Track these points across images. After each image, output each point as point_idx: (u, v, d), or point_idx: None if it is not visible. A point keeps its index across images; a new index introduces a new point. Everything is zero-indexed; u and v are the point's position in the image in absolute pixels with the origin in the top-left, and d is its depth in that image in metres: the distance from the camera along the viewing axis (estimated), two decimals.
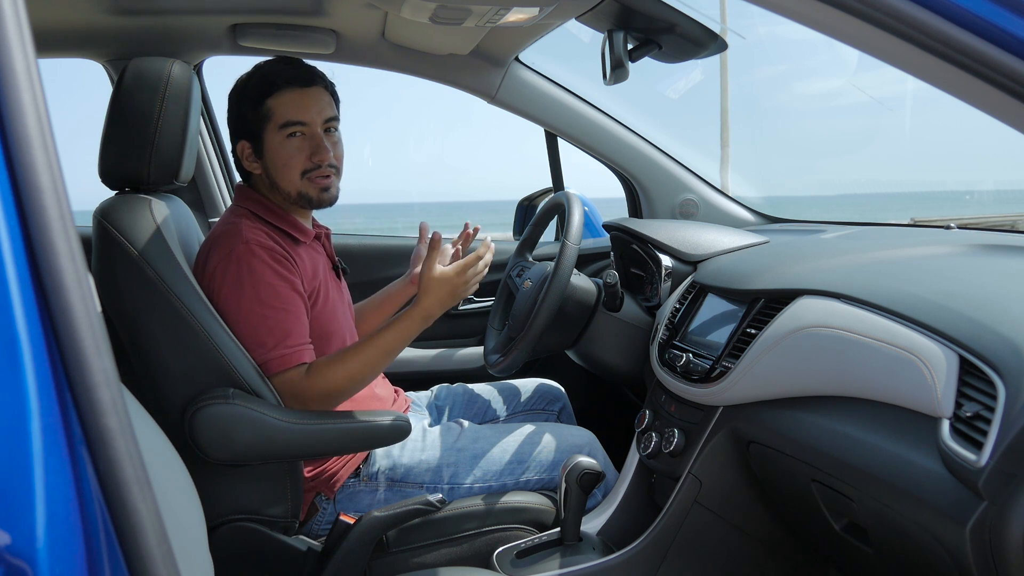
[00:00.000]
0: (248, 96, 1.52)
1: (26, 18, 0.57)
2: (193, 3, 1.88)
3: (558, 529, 1.50)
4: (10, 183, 0.55)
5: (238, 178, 2.38)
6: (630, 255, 2.00)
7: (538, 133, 2.36)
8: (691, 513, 1.48)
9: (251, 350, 1.41)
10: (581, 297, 1.79)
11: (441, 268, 1.46)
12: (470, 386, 1.93)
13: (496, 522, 1.53)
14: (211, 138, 2.31)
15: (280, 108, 1.50)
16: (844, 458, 1.10)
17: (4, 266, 0.54)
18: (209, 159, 2.30)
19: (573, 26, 1.80)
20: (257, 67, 1.55)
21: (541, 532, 1.53)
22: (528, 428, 1.66)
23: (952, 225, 1.75)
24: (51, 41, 2.00)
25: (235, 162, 1.59)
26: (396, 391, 1.76)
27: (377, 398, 1.63)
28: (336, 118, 1.56)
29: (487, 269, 1.51)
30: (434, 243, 1.49)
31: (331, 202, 1.57)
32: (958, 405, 0.93)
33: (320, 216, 1.72)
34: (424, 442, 1.59)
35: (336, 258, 1.70)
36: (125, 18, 1.88)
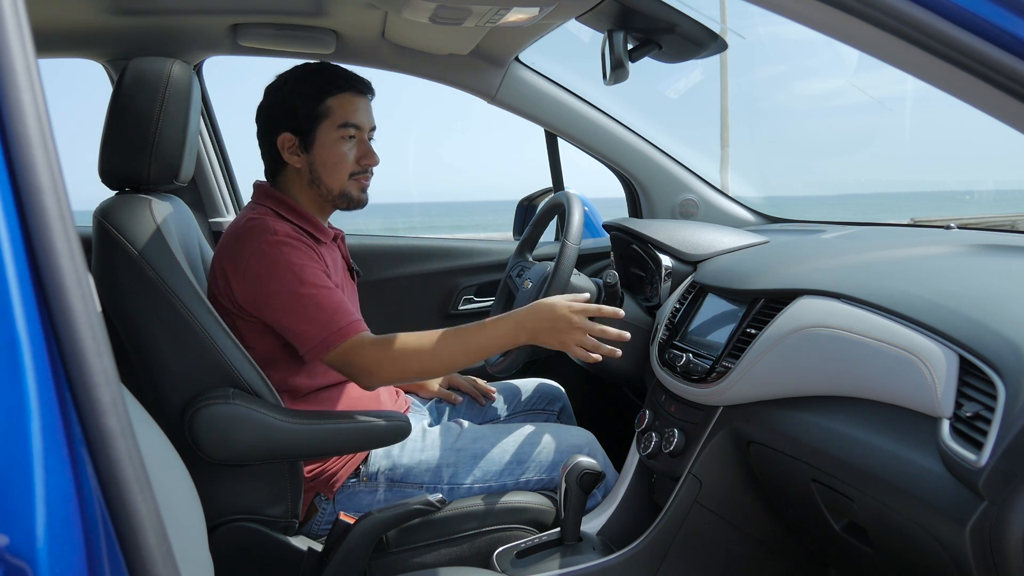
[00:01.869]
0: (305, 91, 1.54)
1: (26, 18, 0.57)
2: (193, 3, 1.88)
3: (558, 529, 1.50)
4: (10, 183, 0.55)
5: (239, 178, 2.40)
6: (630, 255, 2.00)
7: (538, 133, 2.36)
8: (691, 513, 1.48)
9: (305, 331, 1.41)
10: None
11: (568, 297, 1.46)
12: None
13: (496, 522, 1.53)
14: (211, 138, 2.31)
15: (340, 108, 1.54)
16: (844, 458, 1.10)
17: (4, 266, 0.54)
18: (209, 159, 2.30)
19: (573, 26, 1.80)
20: (313, 66, 1.58)
21: (541, 532, 1.53)
22: (528, 428, 1.66)
23: (952, 225, 1.75)
24: (51, 41, 2.00)
25: (266, 153, 1.60)
26: (396, 391, 1.76)
27: (377, 398, 1.64)
28: (375, 128, 1.61)
29: (617, 348, 1.46)
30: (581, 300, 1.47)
31: (364, 204, 1.62)
32: (958, 405, 0.93)
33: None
34: (424, 442, 1.59)
35: (351, 260, 1.72)
36: (125, 18, 1.88)
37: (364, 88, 1.58)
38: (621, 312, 1.47)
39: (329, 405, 1.55)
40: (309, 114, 1.53)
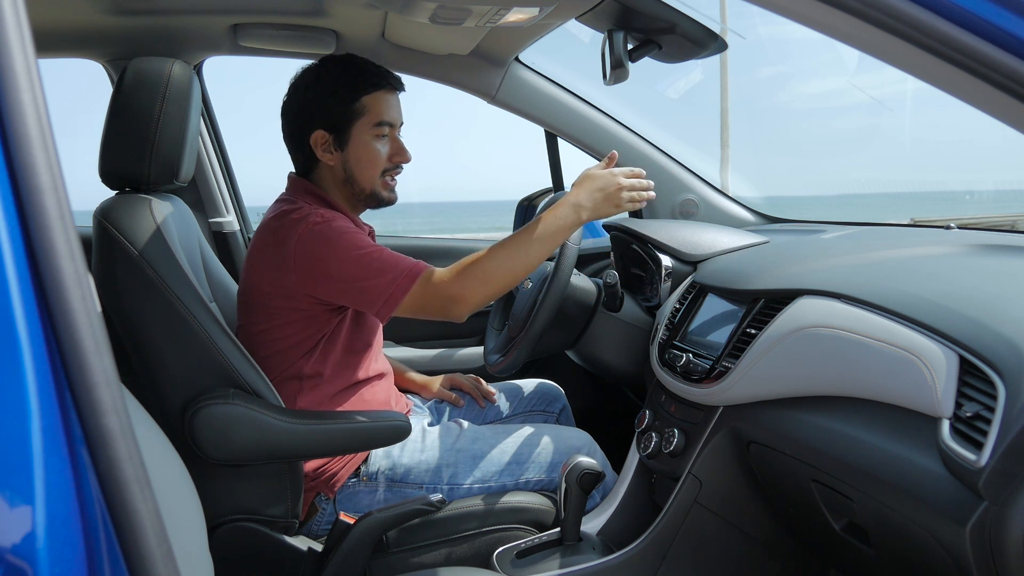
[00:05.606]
0: (339, 89, 1.53)
1: (26, 18, 0.57)
2: (193, 3, 1.88)
3: (558, 529, 1.50)
4: (10, 183, 0.55)
5: (238, 178, 2.40)
6: (630, 255, 2.00)
7: (539, 134, 2.36)
8: (691, 513, 1.48)
9: (374, 285, 1.40)
10: (581, 297, 1.78)
11: (599, 165, 1.51)
12: None
13: (496, 522, 1.53)
14: (211, 138, 2.31)
15: (375, 107, 1.54)
16: (844, 458, 1.10)
17: (4, 266, 0.54)
18: (209, 159, 2.30)
19: (573, 26, 1.80)
20: (344, 62, 1.56)
21: (541, 532, 1.53)
22: (527, 430, 1.66)
23: (952, 225, 1.74)
24: (51, 41, 2.00)
25: (298, 151, 1.58)
26: (398, 395, 1.76)
27: (379, 374, 1.63)
28: (403, 124, 1.62)
29: (650, 191, 1.50)
30: (610, 159, 1.53)
31: (393, 202, 1.62)
32: (958, 405, 0.93)
33: None
34: (424, 442, 1.59)
35: None
36: (125, 18, 1.88)
37: (396, 84, 1.59)
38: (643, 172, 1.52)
39: (347, 404, 1.56)
40: (344, 112, 1.53)
